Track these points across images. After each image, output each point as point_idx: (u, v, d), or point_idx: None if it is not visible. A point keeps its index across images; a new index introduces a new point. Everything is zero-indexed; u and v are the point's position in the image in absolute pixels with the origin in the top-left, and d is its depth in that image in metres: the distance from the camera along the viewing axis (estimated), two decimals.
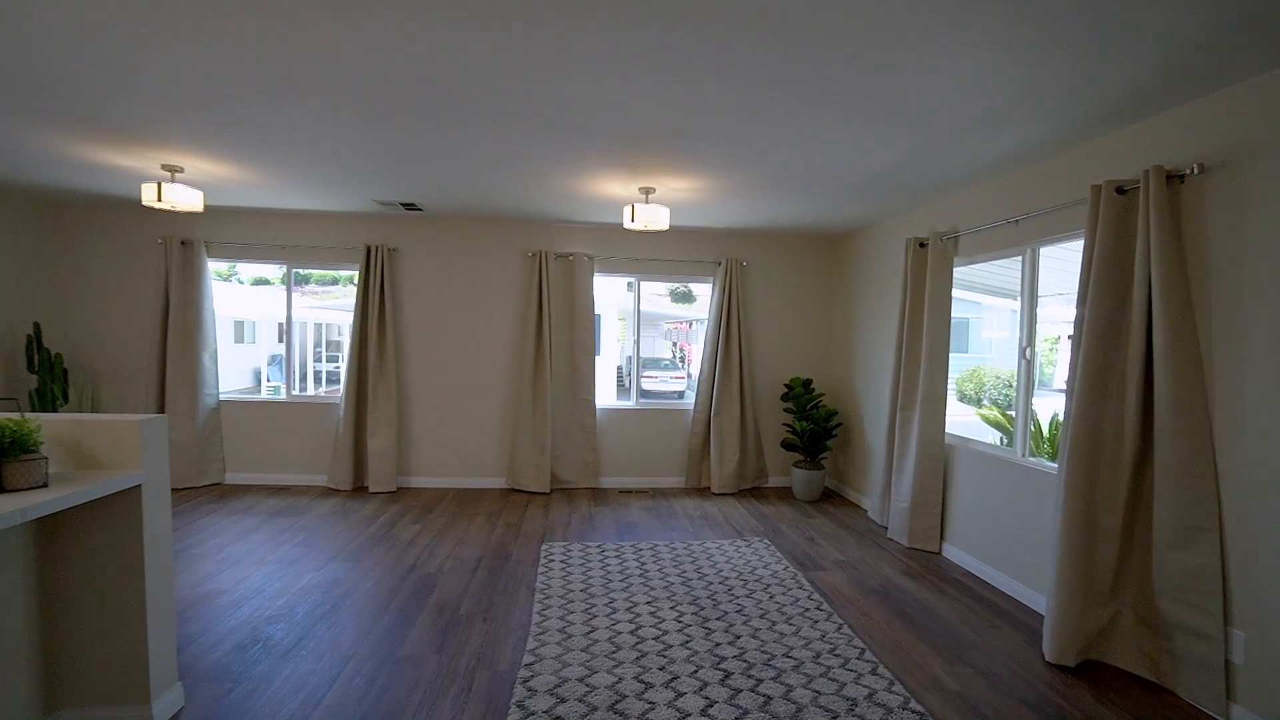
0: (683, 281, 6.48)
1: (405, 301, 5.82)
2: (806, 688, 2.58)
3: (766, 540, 4.49)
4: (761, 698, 2.50)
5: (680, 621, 3.16)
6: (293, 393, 5.99)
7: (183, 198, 4.01)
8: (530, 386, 5.71)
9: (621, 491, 5.90)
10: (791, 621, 3.18)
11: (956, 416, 4.57)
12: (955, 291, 4.28)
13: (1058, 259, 3.90)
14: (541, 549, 4.20)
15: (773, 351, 6.25)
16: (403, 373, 5.82)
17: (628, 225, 4.27)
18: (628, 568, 3.88)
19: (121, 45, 2.38)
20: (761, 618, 3.22)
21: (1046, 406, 5.30)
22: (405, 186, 4.53)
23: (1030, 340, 3.66)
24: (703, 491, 5.94)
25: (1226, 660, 2.45)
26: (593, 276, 5.89)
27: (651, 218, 4.21)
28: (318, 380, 13.22)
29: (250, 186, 4.66)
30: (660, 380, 13.28)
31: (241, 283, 13.16)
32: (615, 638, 2.97)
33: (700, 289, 8.30)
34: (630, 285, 6.31)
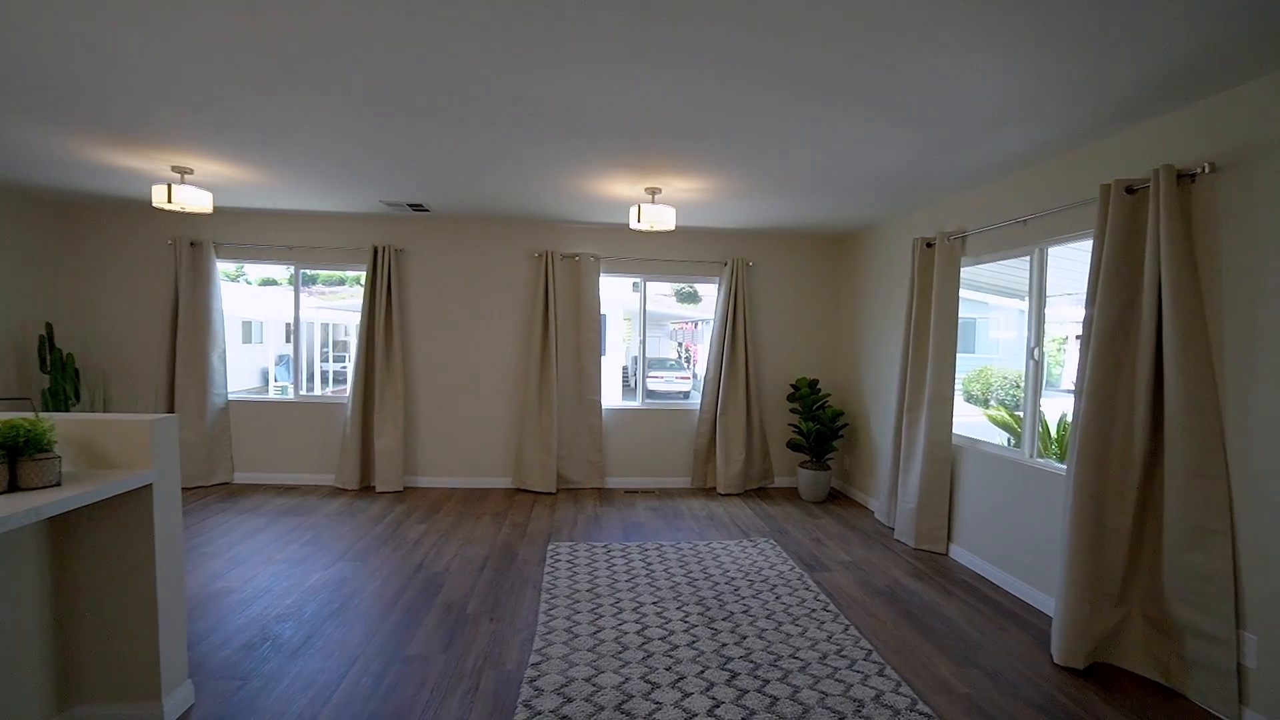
0: (688, 282, 6.48)
1: (412, 302, 5.84)
2: (813, 689, 2.57)
3: (772, 541, 4.48)
4: (768, 698, 2.49)
5: (686, 622, 3.16)
6: (300, 393, 6.02)
7: (192, 199, 4.04)
8: (536, 387, 5.72)
9: (627, 492, 5.90)
10: (798, 622, 3.18)
11: (963, 417, 4.55)
12: (962, 291, 4.26)
13: (1066, 259, 3.88)
14: (548, 549, 4.21)
15: (779, 351, 6.24)
16: (409, 373, 5.84)
17: (633, 225, 4.27)
18: (634, 568, 3.89)
19: (122, 45, 2.39)
20: (768, 618, 3.21)
21: (1054, 407, 5.27)
22: (411, 187, 4.55)
23: (1038, 340, 3.64)
24: (708, 492, 5.94)
25: (1238, 664, 2.43)
26: (598, 277, 5.89)
27: (657, 218, 4.20)
28: (325, 380, 13.30)
29: (258, 188, 4.69)
30: (666, 380, 13.29)
31: (249, 283, 13.25)
32: (621, 638, 2.97)
33: (706, 289, 8.29)
34: (636, 285, 6.31)
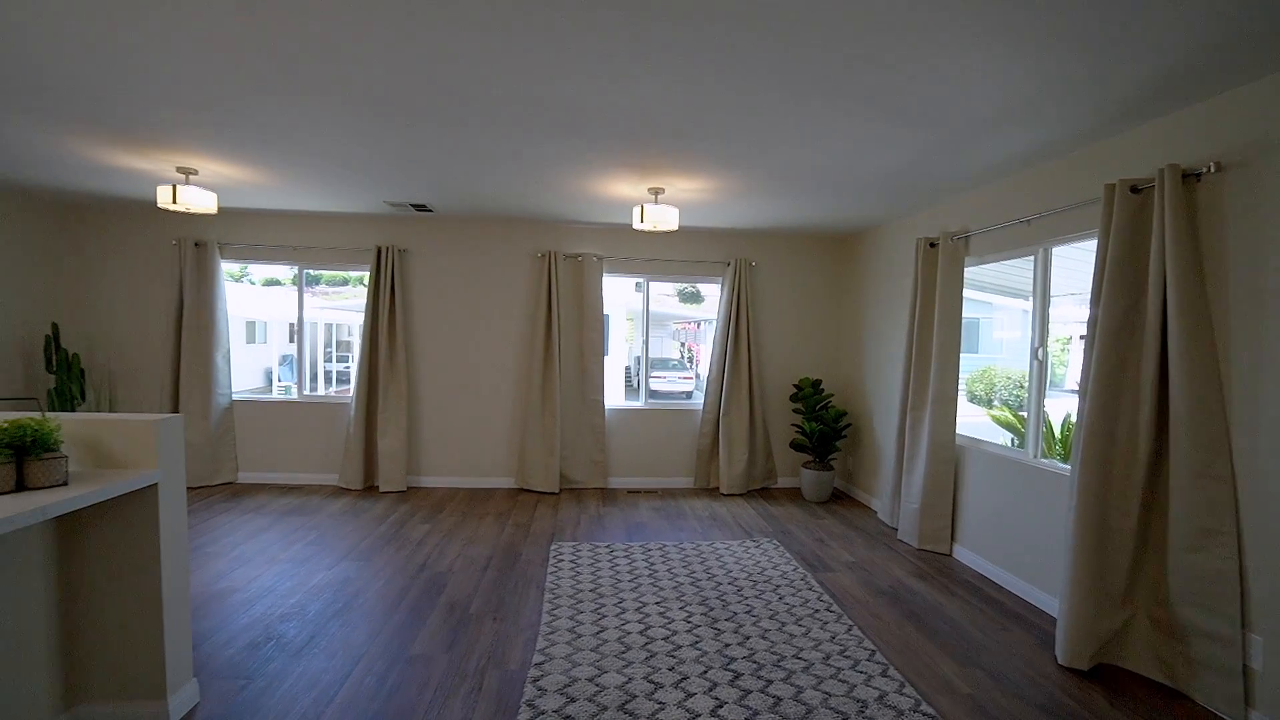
0: (691, 282, 6.48)
1: (415, 302, 5.85)
2: (817, 689, 2.57)
3: (775, 541, 4.48)
4: (771, 699, 2.49)
5: (689, 622, 3.16)
6: (304, 393, 6.03)
7: (197, 200, 4.05)
8: (539, 387, 5.72)
9: (630, 492, 5.90)
10: (801, 623, 3.18)
11: (967, 417, 4.55)
12: (966, 291, 4.25)
13: (1070, 259, 3.87)
14: (551, 549, 4.22)
15: (782, 352, 6.23)
16: (413, 373, 5.85)
17: (637, 226, 4.26)
18: (637, 568, 3.89)
19: (122, 45, 2.39)
20: (771, 619, 3.21)
21: (1058, 407, 5.26)
22: (415, 187, 4.56)
23: (1042, 340, 3.63)
24: (711, 492, 5.94)
25: (1244, 665, 2.42)
26: (601, 277, 5.90)
27: (660, 218, 4.20)
28: (328, 380, 13.33)
29: (262, 188, 4.70)
30: (669, 380, 13.30)
31: (253, 283, 13.29)
32: (625, 638, 2.97)
33: (709, 289, 8.29)
34: (639, 286, 6.31)
